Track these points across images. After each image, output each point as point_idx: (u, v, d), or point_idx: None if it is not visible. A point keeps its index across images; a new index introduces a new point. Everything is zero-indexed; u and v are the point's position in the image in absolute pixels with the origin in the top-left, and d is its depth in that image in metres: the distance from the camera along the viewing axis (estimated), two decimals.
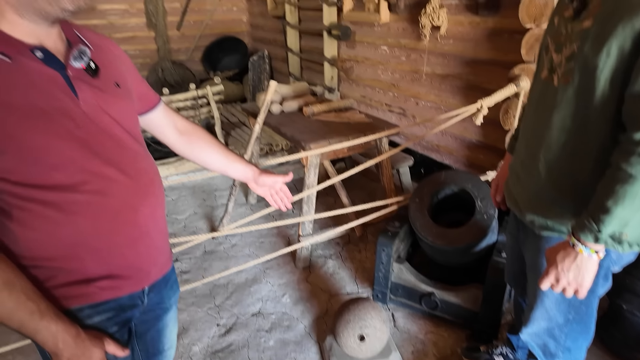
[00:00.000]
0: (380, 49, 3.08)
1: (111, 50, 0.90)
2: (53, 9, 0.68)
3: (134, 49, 4.96)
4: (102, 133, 0.78)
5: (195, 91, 3.41)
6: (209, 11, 5.20)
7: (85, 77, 0.77)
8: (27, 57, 0.69)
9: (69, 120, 0.72)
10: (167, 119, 1.04)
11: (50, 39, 0.74)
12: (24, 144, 0.68)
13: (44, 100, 0.70)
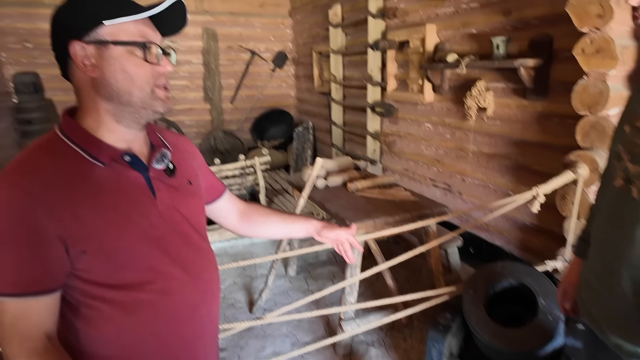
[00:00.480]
0: (423, 126, 3.13)
1: (186, 149, 0.98)
2: (147, 113, 0.76)
3: (191, 120, 5.37)
4: (173, 231, 0.82)
5: (244, 161, 3.57)
6: (260, 87, 5.62)
7: (163, 177, 0.84)
8: (117, 162, 0.76)
9: (146, 221, 0.77)
10: (231, 204, 1.10)
11: (137, 142, 0.82)
12: (104, 245, 0.72)
13: (127, 203, 0.75)
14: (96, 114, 0.75)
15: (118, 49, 0.71)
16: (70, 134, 0.74)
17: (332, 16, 4.24)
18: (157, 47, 0.74)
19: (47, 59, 4.59)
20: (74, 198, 0.69)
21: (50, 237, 0.67)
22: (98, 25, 0.70)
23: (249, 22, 5.43)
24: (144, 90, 0.74)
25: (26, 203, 0.65)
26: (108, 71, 0.71)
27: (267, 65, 5.60)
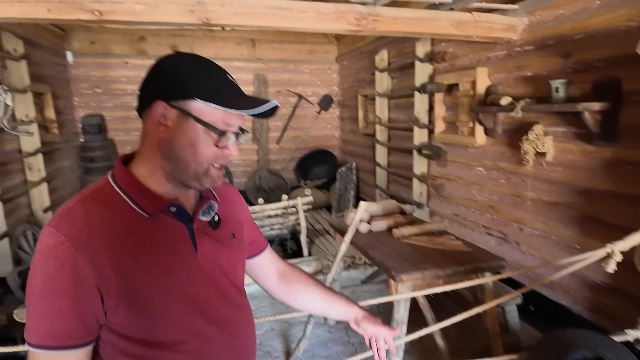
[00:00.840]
0: (475, 170, 2.98)
1: (234, 199, 0.96)
2: (195, 184, 0.76)
3: (239, 159, 5.54)
4: (211, 287, 0.79)
5: (286, 201, 3.57)
6: (306, 128, 5.73)
7: (207, 229, 0.82)
8: (163, 212, 0.75)
9: (185, 275, 0.75)
10: (271, 262, 1.05)
11: (186, 194, 0.82)
12: (139, 298, 0.69)
13: (168, 256, 0.73)
14: (151, 165, 0.75)
15: (197, 125, 0.71)
16: (120, 182, 0.74)
17: (378, 61, 4.31)
18: (232, 134, 0.75)
19: (112, 103, 5.00)
20: (116, 248, 0.68)
21: (89, 288, 0.66)
22: (190, 98, 0.70)
23: (298, 69, 5.65)
24: (202, 166, 0.74)
25: (69, 252, 0.64)
26: (178, 139, 0.72)
27: (313, 107, 5.74)
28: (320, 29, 2.25)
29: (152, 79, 0.74)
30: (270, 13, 2.10)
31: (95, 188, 0.74)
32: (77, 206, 0.69)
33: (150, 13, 1.93)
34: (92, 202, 0.70)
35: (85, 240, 0.66)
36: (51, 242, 0.65)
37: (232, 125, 0.74)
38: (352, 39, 5.13)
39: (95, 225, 0.68)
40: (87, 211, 0.69)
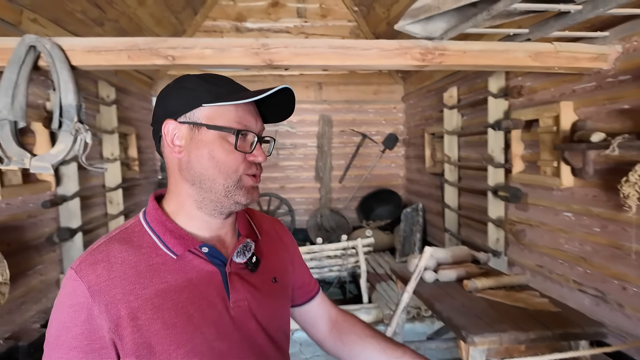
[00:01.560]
0: (561, 215, 2.61)
1: (280, 237, 0.86)
2: (229, 202, 0.68)
3: (301, 197, 5.57)
4: (244, 343, 0.68)
5: (346, 242, 3.43)
6: (369, 167, 5.63)
7: (243, 272, 0.72)
8: (192, 253, 0.68)
9: (213, 329, 0.64)
10: (323, 309, 0.92)
11: (222, 230, 0.73)
12: (157, 355, 0.60)
13: (194, 305, 0.64)
14: (179, 196, 0.70)
15: (210, 133, 0.66)
16: (150, 220, 0.69)
17: (447, 98, 4.14)
18: (254, 135, 0.69)
19: None
20: (135, 295, 0.61)
21: (102, 340, 0.59)
22: (196, 107, 0.66)
23: (363, 108, 5.66)
24: (230, 178, 0.67)
25: (84, 299, 0.59)
26: (194, 154, 0.66)
27: (377, 146, 5.64)
28: (383, 65, 2.19)
29: (158, 107, 0.70)
30: (332, 52, 2.10)
31: (125, 227, 0.69)
32: (100, 248, 0.64)
33: (218, 57, 2.02)
34: (117, 243, 0.65)
35: (103, 287, 0.60)
36: (69, 286, 0.60)
37: (249, 126, 0.68)
38: (419, 77, 5.04)
39: (115, 270, 0.61)
40: (109, 253, 0.63)
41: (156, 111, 0.70)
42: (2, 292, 1.85)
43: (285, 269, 0.83)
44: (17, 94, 1.75)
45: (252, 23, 4.96)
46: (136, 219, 0.70)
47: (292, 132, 5.47)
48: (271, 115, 0.75)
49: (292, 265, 0.86)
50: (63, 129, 1.78)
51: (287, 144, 5.46)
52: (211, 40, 2.00)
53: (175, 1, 4.14)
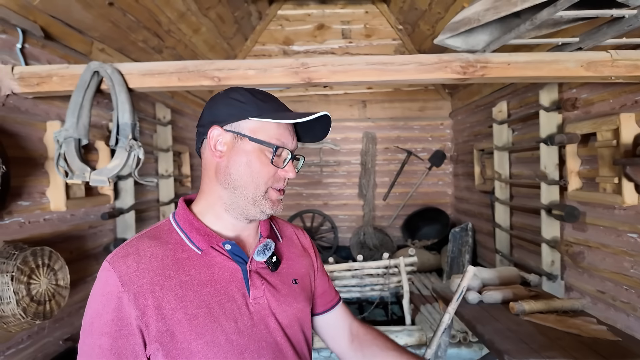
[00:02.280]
0: (624, 236, 2.38)
1: (302, 243, 0.90)
2: (255, 211, 0.73)
3: (344, 214, 5.56)
4: (262, 339, 0.70)
5: (387, 260, 3.36)
6: (415, 184, 5.51)
7: (264, 271, 0.75)
8: (216, 250, 0.72)
9: (232, 323, 0.67)
10: (344, 320, 0.92)
11: (245, 232, 0.78)
12: (178, 345, 0.64)
13: (215, 298, 0.68)
14: (210, 197, 0.75)
15: (252, 144, 0.71)
16: (178, 219, 0.75)
17: (496, 113, 3.98)
18: (288, 152, 0.74)
19: None
20: (162, 286, 0.65)
21: (131, 327, 0.63)
22: (243, 119, 0.71)
23: (408, 125, 5.59)
24: (259, 188, 0.72)
25: (115, 288, 0.64)
26: (233, 161, 0.72)
27: (423, 163, 5.52)
28: (422, 80, 2.18)
29: (207, 111, 0.76)
30: (370, 69, 2.12)
31: (156, 226, 0.75)
32: (132, 243, 0.70)
33: (261, 76, 2.12)
34: (147, 239, 0.71)
35: (133, 277, 0.65)
36: (102, 277, 0.66)
37: (286, 143, 0.73)
38: (467, 93, 4.91)
39: (144, 262, 0.67)
40: (139, 247, 0.69)
41: (204, 115, 0.77)
42: (63, 295, 2.02)
43: (305, 272, 0.84)
44: (81, 115, 1.94)
45: (299, 46, 5.15)
46: (166, 219, 0.76)
47: (336, 150, 5.52)
48: (305, 135, 0.81)
49: (313, 271, 0.88)
50: (119, 146, 1.94)
51: (330, 161, 5.51)
52: (254, 62, 2.11)
53: (227, 28, 4.41)
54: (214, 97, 0.77)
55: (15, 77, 2.02)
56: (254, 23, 4.90)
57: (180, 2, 3.41)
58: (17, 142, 2.12)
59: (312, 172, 5.54)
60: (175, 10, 3.44)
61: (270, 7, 4.93)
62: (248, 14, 4.61)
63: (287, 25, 5.09)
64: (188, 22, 3.74)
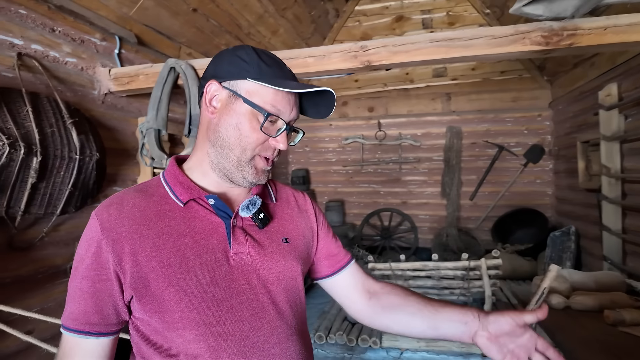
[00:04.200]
0: None
1: (299, 205, 0.86)
2: (237, 176, 0.72)
3: (425, 214, 5.28)
4: (242, 294, 0.68)
5: (466, 261, 3.08)
6: (507, 183, 4.99)
7: (251, 228, 0.74)
8: (199, 204, 0.72)
9: (208, 274, 0.66)
10: (356, 280, 0.87)
11: (234, 190, 0.77)
12: (152, 293, 0.65)
13: (192, 250, 0.67)
14: (200, 153, 0.76)
15: (245, 106, 0.70)
16: (166, 175, 0.76)
17: (603, 97, 3.41)
18: (283, 123, 0.71)
19: (316, 159, 5.70)
20: (140, 234, 0.66)
21: (107, 272, 0.65)
22: (242, 79, 0.71)
23: (499, 118, 5.11)
24: (245, 153, 0.70)
25: (96, 234, 0.66)
26: (224, 120, 0.71)
27: (518, 159, 4.98)
28: (494, 55, 1.95)
29: (211, 65, 0.75)
30: (434, 46, 1.97)
31: (145, 182, 0.77)
32: (118, 194, 0.72)
33: (319, 63, 2.12)
34: (133, 191, 0.72)
35: (113, 224, 0.66)
36: (88, 224, 0.69)
37: (281, 112, 0.69)
38: (569, 79, 4.31)
39: (125, 211, 0.68)
40: (123, 198, 0.70)
41: (208, 68, 0.77)
42: None
43: (300, 233, 0.80)
44: (160, 108, 2.15)
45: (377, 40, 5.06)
46: (157, 176, 0.78)
47: (416, 146, 5.28)
48: (310, 109, 0.78)
49: (313, 234, 0.83)
50: (191, 135, 2.09)
51: (410, 157, 5.29)
52: (312, 49, 2.12)
53: (304, 28, 4.54)
54: (221, 51, 0.76)
55: (111, 78, 2.33)
56: (331, 21, 4.96)
57: (257, 5, 3.60)
58: (114, 135, 2.44)
59: (390, 170, 5.38)
60: (253, 13, 3.65)
61: (347, 4, 4.94)
62: (325, 12, 4.68)
63: (365, 20, 5.05)
64: (266, 24, 3.93)
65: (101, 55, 2.36)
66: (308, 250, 0.82)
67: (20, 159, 1.61)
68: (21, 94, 1.73)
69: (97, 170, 2.07)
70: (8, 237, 1.73)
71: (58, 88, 2.01)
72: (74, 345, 0.65)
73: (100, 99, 2.33)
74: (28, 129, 1.69)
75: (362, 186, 5.49)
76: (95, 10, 2.29)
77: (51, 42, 2.03)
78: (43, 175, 1.75)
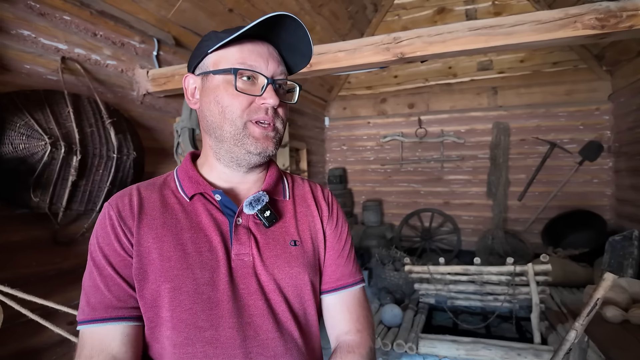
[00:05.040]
0: None
1: (317, 204, 0.77)
2: (240, 152, 0.66)
3: (469, 215, 5.03)
4: (238, 300, 0.63)
5: (512, 266, 2.88)
6: (560, 182, 4.64)
7: (256, 227, 0.69)
8: (207, 200, 0.69)
9: (206, 274, 0.63)
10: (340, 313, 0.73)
11: (244, 185, 0.72)
12: (150, 287, 0.63)
13: (194, 245, 0.64)
14: (205, 148, 0.73)
15: (216, 78, 0.66)
16: (179, 170, 0.74)
17: None
18: (264, 78, 0.65)
19: (354, 158, 5.61)
20: (146, 224, 0.65)
21: (124, 258, 0.65)
22: (204, 55, 0.68)
23: (550, 113, 4.76)
24: (235, 123, 0.65)
25: (109, 223, 0.66)
26: (204, 102, 0.68)
27: (572, 157, 4.61)
28: (541, 42, 1.78)
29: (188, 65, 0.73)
30: (473, 35, 1.84)
31: (159, 176, 0.76)
32: (132, 186, 0.72)
33: (350, 57, 2.05)
34: (146, 184, 0.72)
35: (123, 214, 0.66)
36: (101, 213, 0.69)
37: (255, 67, 0.64)
38: (632, 68, 3.92)
39: (136, 202, 0.67)
40: (134, 189, 0.70)
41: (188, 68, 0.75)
42: None
43: (313, 236, 0.74)
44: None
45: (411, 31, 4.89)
46: (171, 171, 0.76)
47: (459, 143, 5.04)
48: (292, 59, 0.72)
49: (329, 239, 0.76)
50: None
51: (453, 156, 5.06)
52: (343, 43, 2.05)
53: (341, 25, 4.47)
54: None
55: (149, 79, 2.40)
56: (369, 16, 4.85)
57: (293, 3, 3.59)
58: (152, 134, 2.51)
59: (431, 168, 5.18)
60: (289, 11, 3.62)
61: None
62: (362, 7, 4.58)
63: (405, 14, 4.89)
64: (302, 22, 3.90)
65: (140, 57, 2.44)
66: (318, 256, 0.75)
67: (61, 158, 1.69)
68: (63, 96, 1.82)
69: (134, 169, 2.14)
70: (52, 232, 1.82)
71: (99, 89, 2.10)
72: (91, 335, 0.63)
73: (139, 99, 2.41)
74: (69, 129, 1.77)
75: (401, 185, 5.34)
76: (134, 14, 2.37)
77: (93, 46, 2.12)
78: (83, 173, 1.83)
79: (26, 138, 1.59)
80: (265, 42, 0.67)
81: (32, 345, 1.68)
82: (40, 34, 1.85)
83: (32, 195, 1.65)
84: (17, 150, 1.56)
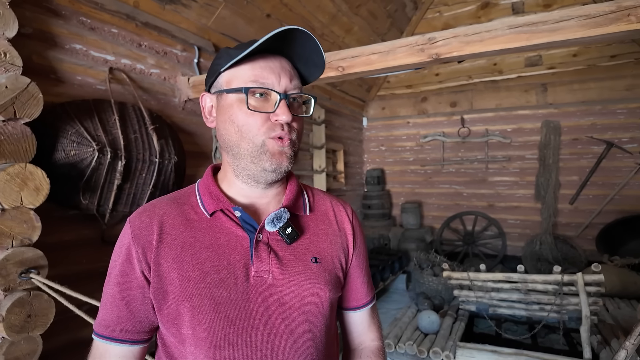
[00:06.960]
0: None
1: (337, 220, 0.77)
2: (256, 170, 0.67)
3: (515, 219, 4.79)
4: (256, 318, 0.63)
5: (559, 275, 2.70)
6: (618, 185, 4.29)
7: (277, 243, 0.69)
8: (227, 216, 0.69)
9: (224, 292, 0.63)
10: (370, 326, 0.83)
11: (264, 199, 0.72)
12: (170, 306, 0.64)
13: (213, 264, 0.65)
14: (224, 164, 0.74)
15: (230, 97, 0.67)
16: (200, 184, 0.74)
17: None
18: (277, 94, 0.65)
19: (392, 158, 5.52)
20: (166, 244, 0.66)
21: (138, 279, 0.65)
22: (218, 75, 0.69)
23: (608, 110, 4.41)
24: (253, 142, 0.65)
25: (128, 241, 0.67)
26: (220, 121, 0.69)
27: (632, 158, 4.25)
28: (589, 39, 1.65)
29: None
30: (513, 33, 1.75)
31: (180, 190, 0.77)
32: (152, 202, 0.72)
33: (384, 60, 2.02)
34: (166, 200, 0.72)
35: (143, 232, 0.66)
36: (122, 231, 0.70)
37: (266, 83, 0.64)
38: None
39: (156, 219, 0.68)
40: (156, 206, 0.70)
41: None
42: None
43: (334, 253, 0.73)
44: None
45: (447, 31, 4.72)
46: (193, 184, 0.78)
47: (505, 143, 4.80)
48: (306, 69, 0.71)
49: (345, 255, 0.75)
50: None
51: (498, 156, 4.83)
52: (376, 46, 2.03)
53: (380, 24, 4.41)
54: None
55: (190, 86, 2.50)
56: (409, 14, 4.75)
57: (330, 5, 3.58)
58: (193, 139, 2.62)
59: (474, 169, 4.97)
60: (326, 13, 3.64)
61: None
62: (402, 5, 4.49)
63: (446, 10, 4.74)
64: (340, 24, 3.90)
65: (182, 65, 2.55)
66: (339, 274, 0.74)
67: (107, 163, 1.81)
68: (110, 104, 1.94)
69: (175, 172, 2.24)
70: (100, 232, 1.96)
71: (143, 97, 2.22)
72: (104, 352, 0.67)
73: (181, 105, 2.52)
74: (115, 136, 1.89)
75: (443, 187, 5.18)
76: (177, 24, 2.48)
77: (138, 56, 2.25)
78: (127, 177, 1.94)
79: (76, 145, 1.71)
80: (277, 55, 0.67)
81: (81, 338, 1.81)
82: (90, 47, 1.98)
83: (82, 198, 1.77)
84: (68, 157, 1.68)
